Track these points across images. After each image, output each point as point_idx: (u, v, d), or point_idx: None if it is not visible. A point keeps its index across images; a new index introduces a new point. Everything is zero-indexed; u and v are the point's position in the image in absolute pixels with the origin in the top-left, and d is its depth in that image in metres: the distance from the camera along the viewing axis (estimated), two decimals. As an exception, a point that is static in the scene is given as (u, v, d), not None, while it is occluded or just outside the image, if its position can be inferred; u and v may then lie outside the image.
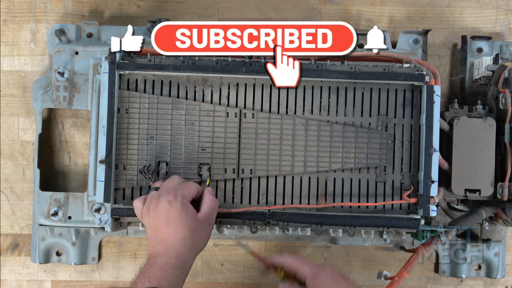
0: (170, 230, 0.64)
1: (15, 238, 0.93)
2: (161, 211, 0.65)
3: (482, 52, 0.91)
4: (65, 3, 0.94)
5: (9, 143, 0.93)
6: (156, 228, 0.65)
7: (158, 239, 0.64)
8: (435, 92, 0.75)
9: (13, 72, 0.94)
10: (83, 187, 0.93)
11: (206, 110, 0.78)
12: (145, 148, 0.77)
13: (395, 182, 0.78)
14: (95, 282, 0.93)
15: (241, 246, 0.86)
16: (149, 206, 0.67)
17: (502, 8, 0.94)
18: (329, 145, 0.78)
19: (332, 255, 0.92)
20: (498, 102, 0.79)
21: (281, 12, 0.94)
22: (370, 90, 0.79)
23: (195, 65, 0.76)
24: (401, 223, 0.75)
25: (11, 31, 0.94)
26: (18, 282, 0.93)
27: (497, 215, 0.81)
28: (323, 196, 0.78)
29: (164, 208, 0.65)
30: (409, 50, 0.89)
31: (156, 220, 0.65)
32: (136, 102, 0.78)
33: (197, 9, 0.94)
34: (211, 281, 0.93)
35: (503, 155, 0.79)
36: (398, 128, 0.79)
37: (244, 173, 0.78)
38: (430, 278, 0.93)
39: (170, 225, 0.64)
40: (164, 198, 0.65)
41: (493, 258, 0.89)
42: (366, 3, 0.94)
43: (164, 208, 0.64)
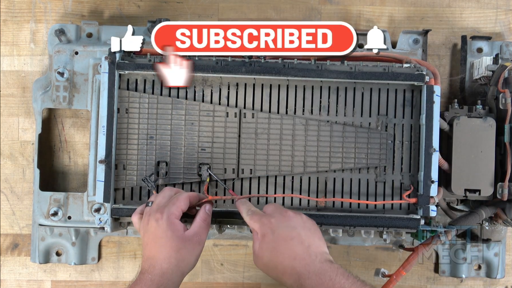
0: (156, 248, 0.64)
1: (15, 238, 0.93)
2: (150, 229, 0.65)
3: (482, 52, 0.91)
4: (65, 3, 0.94)
5: (9, 143, 0.93)
6: (146, 245, 0.65)
7: (147, 256, 0.64)
8: (435, 92, 0.75)
9: (13, 72, 0.94)
10: (83, 187, 0.93)
11: (206, 110, 0.78)
12: (145, 148, 0.77)
13: (395, 182, 0.78)
14: (95, 282, 0.93)
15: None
16: (142, 223, 0.67)
17: (502, 8, 0.94)
18: (329, 145, 0.78)
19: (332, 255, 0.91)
20: (498, 102, 0.79)
21: (281, 12, 0.94)
22: (370, 90, 0.79)
23: (195, 65, 0.76)
24: (401, 223, 0.75)
25: (11, 31, 0.94)
26: (18, 282, 0.93)
27: (497, 215, 0.81)
28: (323, 196, 0.78)
29: (152, 226, 0.65)
30: (409, 50, 0.89)
31: (145, 238, 0.65)
32: (136, 102, 0.78)
33: (197, 9, 0.94)
34: (211, 281, 0.93)
35: (503, 155, 0.79)
36: (398, 128, 0.79)
37: (244, 173, 0.78)
38: (430, 278, 0.93)
39: (156, 243, 0.64)
40: (152, 216, 0.65)
41: (493, 258, 0.89)
42: (366, 3, 0.94)
43: (152, 227, 0.64)
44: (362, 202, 0.77)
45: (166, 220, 0.64)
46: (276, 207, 0.66)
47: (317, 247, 0.62)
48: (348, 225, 0.75)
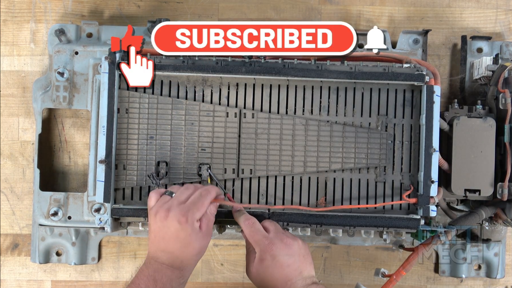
0: (177, 245, 0.66)
1: (15, 238, 0.93)
2: (170, 228, 0.66)
3: (482, 52, 0.91)
4: (65, 3, 0.94)
5: (9, 143, 0.93)
6: (162, 239, 0.66)
7: (163, 249, 0.66)
8: (435, 92, 0.75)
9: (13, 72, 0.94)
10: (83, 187, 0.93)
11: (206, 110, 0.78)
12: (145, 148, 0.77)
13: (395, 182, 0.78)
14: (95, 282, 0.93)
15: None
16: (158, 212, 0.67)
17: (502, 8, 0.94)
18: (329, 145, 0.78)
19: (332, 255, 0.93)
20: (498, 102, 0.79)
21: (281, 12, 0.94)
22: (370, 90, 0.79)
23: (195, 65, 0.76)
24: (401, 223, 0.75)
25: (11, 31, 0.94)
26: (18, 282, 0.93)
27: (497, 215, 0.81)
28: (323, 197, 0.78)
29: (173, 226, 0.66)
30: (409, 50, 0.89)
31: (161, 232, 0.66)
32: (136, 102, 0.78)
33: (197, 9, 0.94)
34: (211, 281, 0.93)
35: (503, 155, 0.79)
36: (398, 128, 0.79)
37: (244, 173, 0.78)
38: (430, 278, 0.93)
39: (178, 242, 0.66)
40: (174, 216, 0.66)
41: (493, 258, 0.89)
42: (366, 3, 0.94)
43: (173, 227, 0.65)
44: (362, 207, 0.77)
45: (191, 225, 0.66)
46: (276, 228, 0.71)
47: (308, 272, 0.69)
48: (348, 225, 0.75)
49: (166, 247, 0.66)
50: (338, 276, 0.93)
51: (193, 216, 0.66)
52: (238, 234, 0.85)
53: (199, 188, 0.70)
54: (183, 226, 0.65)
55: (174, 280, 0.66)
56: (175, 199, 0.68)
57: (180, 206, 0.66)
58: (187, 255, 0.66)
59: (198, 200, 0.68)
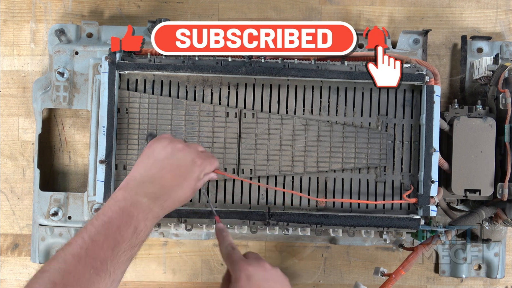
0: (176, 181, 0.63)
1: (15, 238, 0.93)
2: (180, 160, 0.64)
3: (482, 52, 0.91)
4: (65, 3, 0.94)
5: (9, 143, 0.93)
6: (160, 166, 0.63)
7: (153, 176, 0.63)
8: (435, 92, 0.75)
9: (13, 72, 0.94)
10: (83, 187, 0.93)
11: (206, 110, 0.78)
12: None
13: (395, 182, 0.78)
14: (95, 282, 0.93)
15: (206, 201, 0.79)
16: (173, 141, 0.65)
17: (502, 8, 0.94)
18: (329, 145, 0.78)
19: (332, 255, 0.92)
20: (498, 102, 0.79)
21: (281, 12, 0.94)
22: (370, 90, 0.79)
23: (195, 65, 0.76)
24: (401, 223, 0.75)
25: (11, 31, 0.94)
26: (18, 282, 0.93)
27: (497, 215, 0.81)
28: (323, 196, 0.78)
29: (185, 160, 0.64)
30: (409, 50, 0.89)
31: (165, 160, 0.64)
32: (136, 102, 0.78)
33: (197, 9, 0.94)
34: (211, 281, 0.93)
35: (503, 155, 0.79)
36: (398, 128, 0.79)
37: (244, 173, 0.78)
38: (430, 278, 0.93)
39: (178, 177, 0.63)
40: (191, 153, 0.64)
41: (493, 258, 0.89)
42: (366, 3, 0.94)
43: (185, 161, 0.64)
44: (362, 202, 0.77)
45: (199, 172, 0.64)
46: (256, 255, 0.67)
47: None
48: (348, 225, 0.75)
49: (161, 176, 0.62)
50: (338, 276, 0.93)
51: (206, 166, 0.65)
52: (238, 234, 0.85)
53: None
54: (193, 168, 0.64)
55: (150, 220, 0.59)
56: (193, 144, 0.67)
57: (199, 152, 0.66)
58: (175, 195, 0.63)
59: (214, 160, 0.67)
